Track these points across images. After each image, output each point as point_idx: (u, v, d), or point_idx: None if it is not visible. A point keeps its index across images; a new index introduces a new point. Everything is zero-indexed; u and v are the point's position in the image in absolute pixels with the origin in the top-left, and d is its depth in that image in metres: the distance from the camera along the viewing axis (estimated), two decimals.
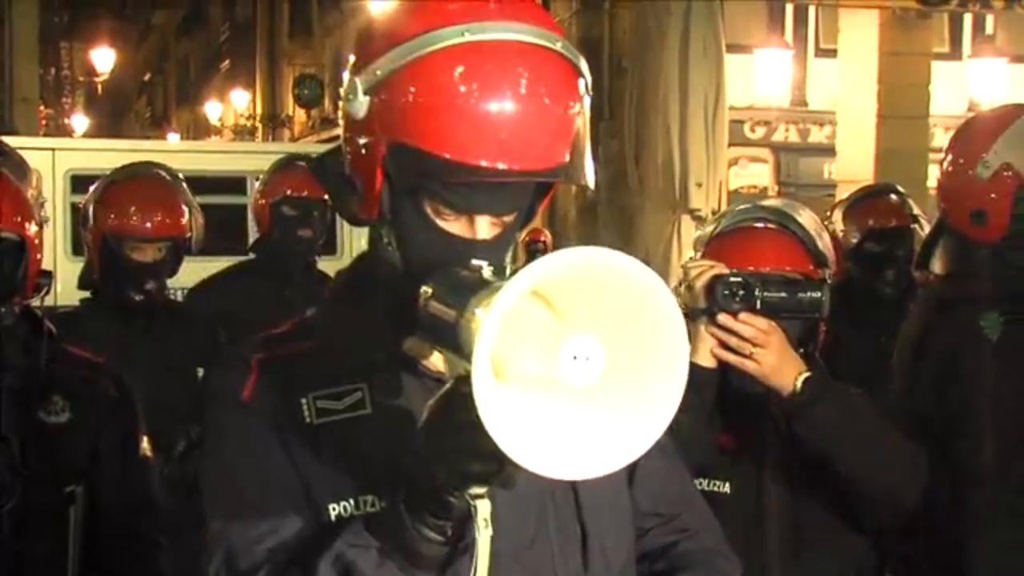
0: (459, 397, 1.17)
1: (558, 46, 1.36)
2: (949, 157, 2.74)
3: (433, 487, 1.22)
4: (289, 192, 4.12)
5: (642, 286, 1.15)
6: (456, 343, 1.19)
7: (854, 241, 3.96)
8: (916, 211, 4.06)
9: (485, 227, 1.38)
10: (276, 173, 4.25)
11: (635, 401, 1.17)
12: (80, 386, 2.50)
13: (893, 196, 4.13)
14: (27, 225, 2.49)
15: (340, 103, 1.43)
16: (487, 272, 1.26)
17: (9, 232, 2.44)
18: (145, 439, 2.60)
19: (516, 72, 1.33)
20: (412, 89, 1.34)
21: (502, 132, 1.32)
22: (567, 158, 1.37)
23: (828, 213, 4.11)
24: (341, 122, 1.45)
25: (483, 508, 1.22)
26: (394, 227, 1.40)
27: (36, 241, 2.51)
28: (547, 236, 10.87)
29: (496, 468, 1.18)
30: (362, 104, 1.38)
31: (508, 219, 1.40)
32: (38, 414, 2.44)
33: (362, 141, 1.40)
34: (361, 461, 1.37)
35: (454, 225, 1.38)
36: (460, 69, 1.33)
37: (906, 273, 4.02)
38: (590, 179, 1.40)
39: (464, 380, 1.17)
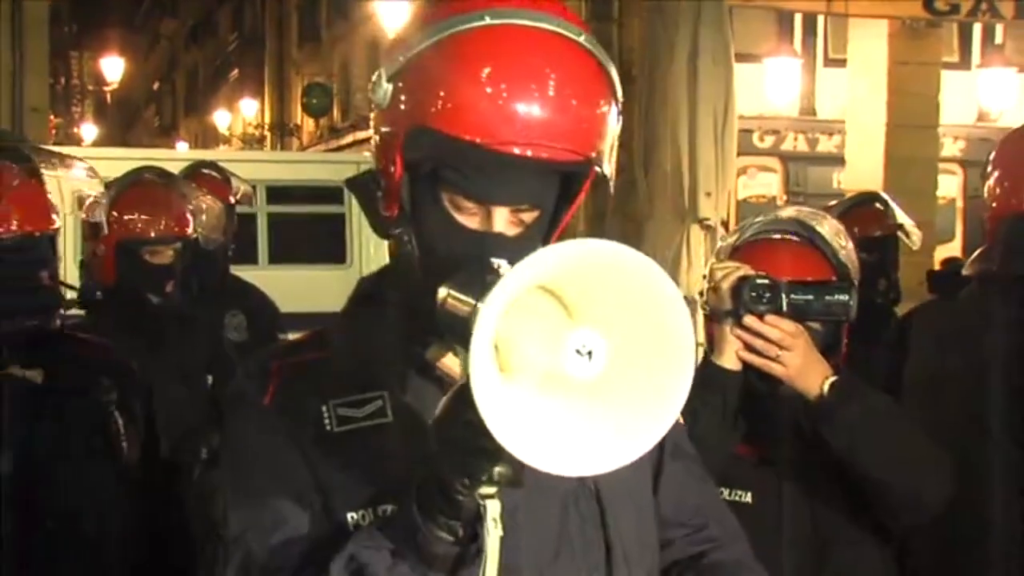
0: (467, 394, 1.17)
1: (581, 39, 1.35)
2: None
3: (442, 487, 1.21)
4: None
5: (644, 277, 1.14)
6: (468, 339, 1.18)
7: None
8: (900, 219, 4.05)
9: (503, 221, 1.36)
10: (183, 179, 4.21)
11: (641, 396, 1.15)
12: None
13: (878, 205, 4.12)
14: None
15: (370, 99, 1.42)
16: (505, 270, 1.24)
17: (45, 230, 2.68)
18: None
19: (538, 56, 1.32)
20: (431, 71, 1.33)
21: (522, 115, 1.30)
22: (592, 154, 1.35)
23: None
24: (371, 117, 1.44)
25: (492, 508, 1.21)
26: (413, 222, 1.39)
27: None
28: None
29: (502, 466, 1.18)
30: (385, 92, 1.38)
31: (528, 219, 1.37)
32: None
33: (384, 130, 1.39)
34: (381, 469, 1.36)
35: (472, 220, 1.36)
36: (480, 50, 1.32)
37: (895, 282, 4.02)
38: (610, 181, 1.38)
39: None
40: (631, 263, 1.13)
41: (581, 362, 1.14)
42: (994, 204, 2.59)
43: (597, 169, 1.38)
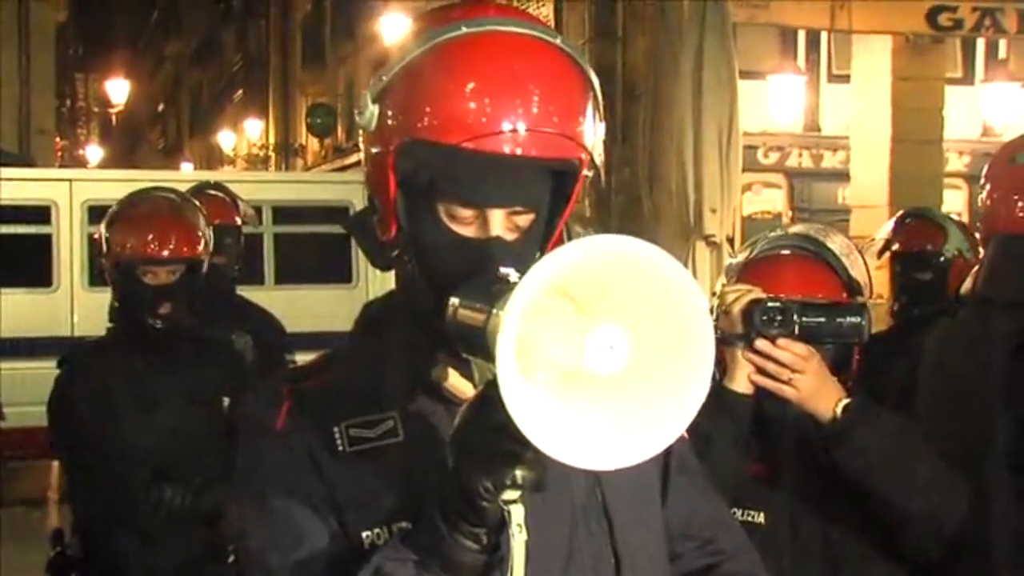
0: (487, 400, 1.18)
1: (557, 41, 1.38)
2: None
3: (466, 493, 1.21)
4: None
5: (656, 267, 1.15)
6: (485, 348, 1.19)
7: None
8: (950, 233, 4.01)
9: (499, 225, 1.37)
10: None
11: (664, 387, 1.17)
12: None
13: (922, 220, 4.09)
14: None
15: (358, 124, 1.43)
16: (514, 277, 1.26)
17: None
18: None
19: (517, 59, 1.35)
20: (413, 84, 1.36)
21: (507, 116, 1.32)
22: (579, 151, 1.37)
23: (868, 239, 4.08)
24: (360, 144, 1.45)
25: (516, 513, 1.22)
26: (411, 241, 1.40)
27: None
28: None
29: (525, 469, 1.19)
30: (371, 113, 1.40)
31: (523, 223, 1.39)
32: None
33: (374, 151, 1.41)
34: (395, 488, 1.37)
35: (468, 229, 1.38)
36: (459, 58, 1.34)
37: (931, 299, 3.96)
38: (600, 172, 1.41)
39: (492, 384, 1.18)
40: (642, 255, 1.14)
41: (605, 357, 1.15)
42: (979, 224, 2.63)
43: (587, 173, 1.40)
